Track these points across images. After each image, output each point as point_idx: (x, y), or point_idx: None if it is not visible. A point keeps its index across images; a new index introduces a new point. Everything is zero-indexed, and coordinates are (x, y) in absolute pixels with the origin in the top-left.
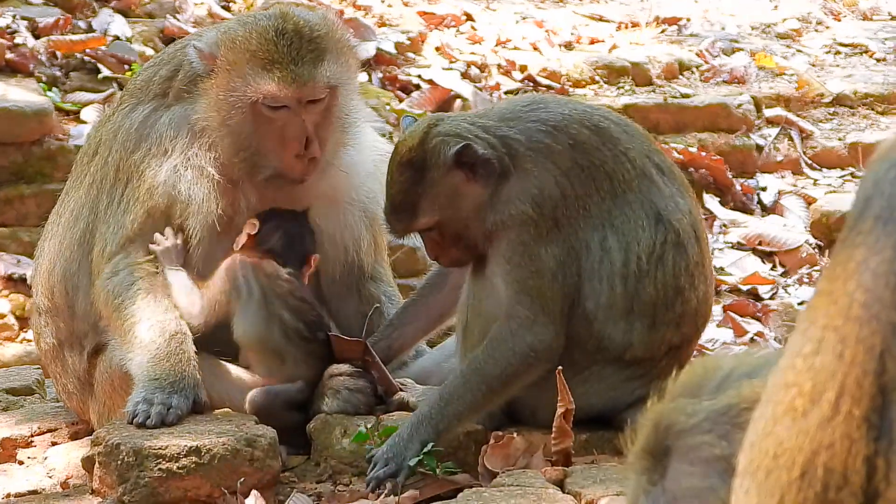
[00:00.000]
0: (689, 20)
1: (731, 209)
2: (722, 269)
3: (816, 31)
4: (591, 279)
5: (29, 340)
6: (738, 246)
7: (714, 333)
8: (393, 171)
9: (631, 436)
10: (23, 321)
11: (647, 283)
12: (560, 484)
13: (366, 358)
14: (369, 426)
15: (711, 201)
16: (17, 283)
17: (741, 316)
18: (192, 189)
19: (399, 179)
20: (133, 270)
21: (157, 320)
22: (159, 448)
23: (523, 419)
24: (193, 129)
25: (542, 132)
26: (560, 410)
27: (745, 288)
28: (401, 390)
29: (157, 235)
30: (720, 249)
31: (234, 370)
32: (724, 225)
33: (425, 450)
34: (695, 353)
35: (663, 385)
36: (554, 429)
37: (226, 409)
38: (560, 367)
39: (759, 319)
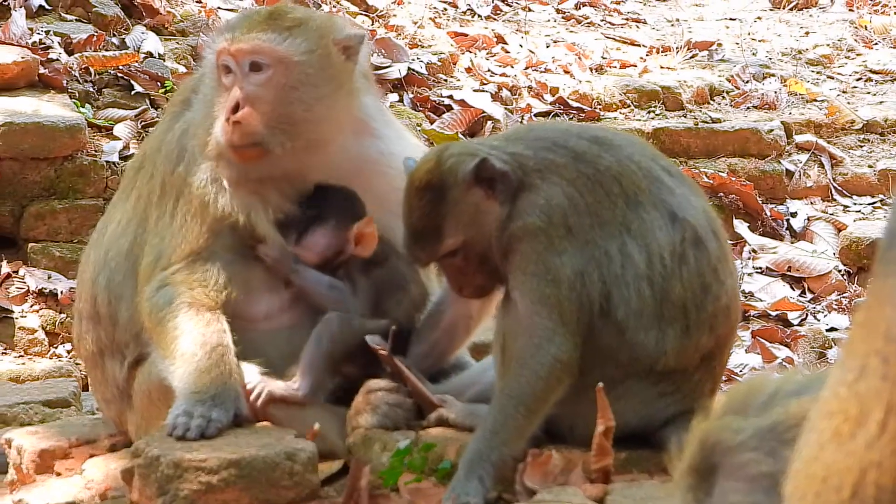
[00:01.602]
0: (720, 45)
1: (761, 235)
2: (751, 294)
3: (848, 57)
4: (618, 287)
5: (59, 356)
6: (768, 271)
7: (743, 359)
8: (411, 199)
9: (675, 453)
10: (53, 336)
11: (674, 282)
12: (600, 501)
13: (397, 372)
14: (409, 442)
15: (741, 226)
16: (48, 299)
17: (770, 341)
18: (223, 201)
19: (419, 205)
20: (179, 284)
21: (199, 333)
22: (199, 460)
23: (560, 436)
24: (196, 130)
25: (544, 148)
26: (600, 428)
27: (774, 313)
28: (439, 406)
29: (261, 248)
30: (749, 275)
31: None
32: (754, 250)
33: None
34: (724, 378)
35: (698, 401)
36: (594, 446)
37: (265, 423)
38: (601, 384)
39: (787, 345)
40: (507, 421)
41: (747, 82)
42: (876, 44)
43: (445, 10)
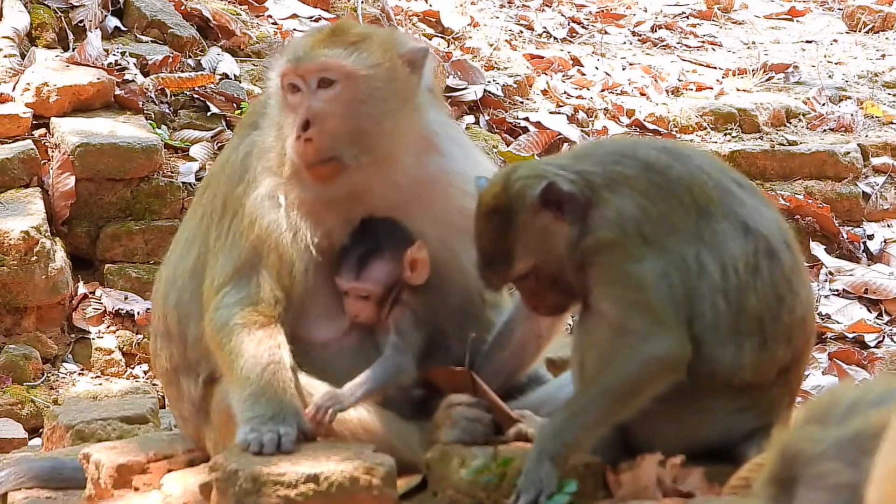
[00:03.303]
0: (796, 68)
1: (838, 257)
2: (828, 316)
3: None
4: (694, 299)
5: (136, 376)
6: (844, 294)
7: (819, 380)
8: (480, 222)
9: (754, 466)
10: (129, 357)
11: (749, 295)
12: None
13: (475, 387)
14: (487, 457)
15: (818, 249)
16: (125, 319)
17: (847, 363)
18: (274, 219)
19: (488, 229)
20: (233, 305)
21: (251, 354)
22: (277, 474)
23: (640, 450)
24: (264, 151)
25: (613, 162)
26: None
27: (850, 335)
28: (518, 421)
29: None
30: (826, 297)
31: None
32: (831, 273)
33: (565, 488)
34: (799, 399)
35: (776, 415)
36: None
37: (343, 437)
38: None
39: (864, 367)
40: (589, 407)
41: (823, 105)
42: None
43: (521, 32)
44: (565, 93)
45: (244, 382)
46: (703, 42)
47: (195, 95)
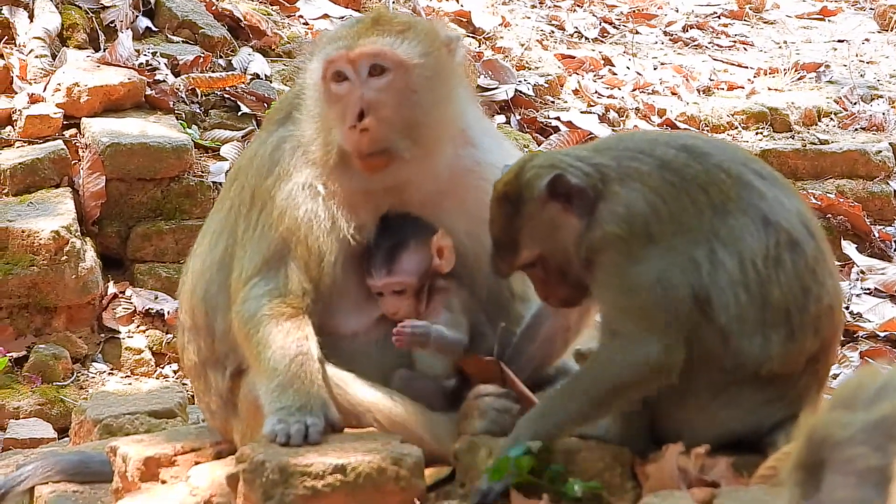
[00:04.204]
0: (828, 67)
1: (869, 256)
2: (860, 314)
3: None
4: (715, 294)
5: (166, 376)
6: (876, 292)
7: None
8: (492, 209)
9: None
10: (159, 356)
11: (772, 287)
12: None
13: (503, 377)
14: (521, 450)
15: (849, 247)
16: (155, 319)
17: (879, 362)
18: (310, 209)
19: (498, 215)
20: (261, 297)
21: (279, 346)
22: (304, 465)
23: (669, 441)
24: (302, 143)
25: (630, 157)
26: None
27: (882, 334)
28: None
29: (398, 327)
30: (857, 295)
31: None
32: (862, 271)
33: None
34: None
35: (804, 406)
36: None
37: (370, 428)
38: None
39: None
40: (569, 402)
41: (855, 104)
42: None
43: (552, 32)
44: (596, 92)
45: (272, 373)
46: (735, 42)
47: (226, 95)
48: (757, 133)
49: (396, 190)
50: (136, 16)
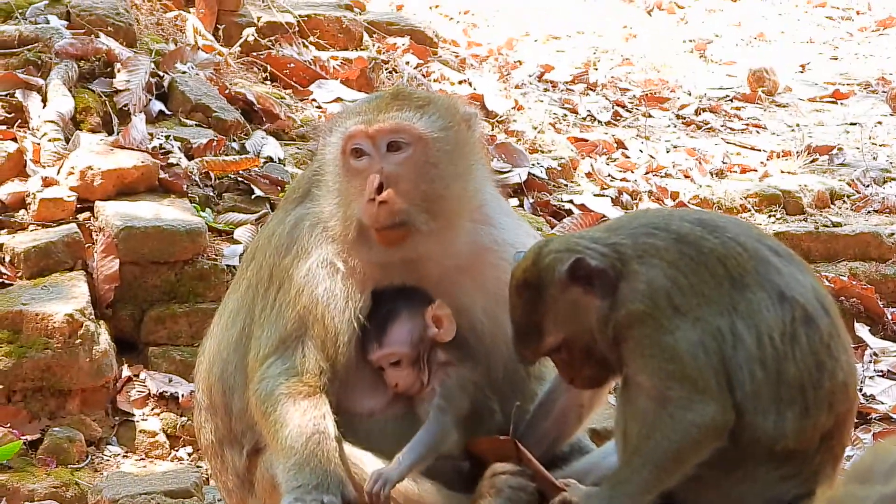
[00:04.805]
0: (840, 150)
1: (882, 338)
2: (873, 396)
3: None
4: (733, 369)
5: (180, 459)
6: (889, 374)
7: None
8: (512, 296)
9: None
10: (174, 439)
11: (788, 364)
12: None
13: (519, 455)
14: None
15: (862, 330)
16: (169, 402)
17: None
18: (329, 287)
19: (519, 303)
20: (279, 376)
21: (296, 424)
22: None
23: None
24: (321, 220)
25: (645, 234)
26: None
27: (895, 416)
28: (562, 490)
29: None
30: (871, 378)
31: (377, 464)
32: (875, 353)
33: None
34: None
35: (820, 483)
36: None
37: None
38: None
39: None
40: (633, 476)
41: (868, 186)
42: None
43: (565, 115)
44: (609, 175)
45: (289, 452)
46: (748, 125)
47: (239, 179)
48: (770, 216)
49: (414, 265)
50: (150, 99)
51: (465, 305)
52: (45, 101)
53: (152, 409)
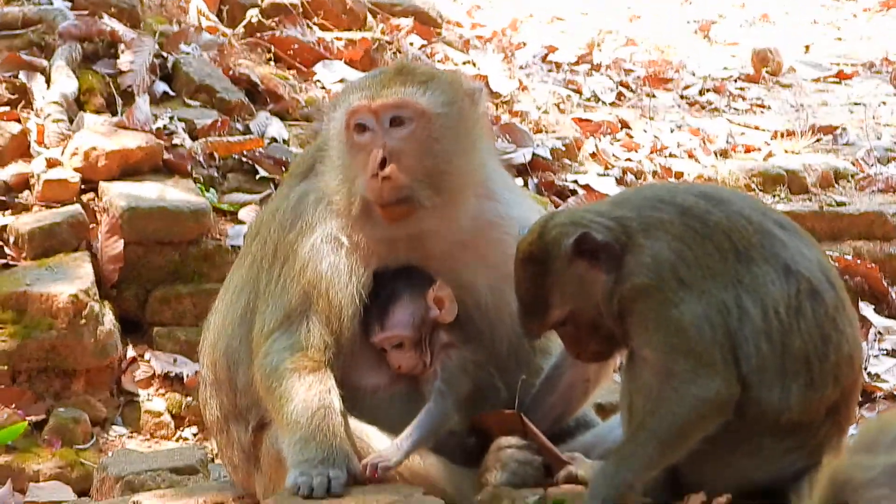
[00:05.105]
0: (844, 129)
1: (887, 317)
2: (877, 375)
3: None
4: (738, 342)
5: (185, 439)
6: (893, 353)
7: None
8: (517, 271)
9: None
10: (179, 419)
11: (793, 337)
12: None
13: (524, 429)
14: (537, 499)
15: (867, 309)
16: (174, 382)
17: None
18: (333, 262)
19: (524, 277)
20: (283, 350)
21: (301, 399)
22: None
23: (690, 491)
24: (325, 195)
25: (650, 207)
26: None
27: None
28: (568, 463)
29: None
30: (875, 357)
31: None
32: (880, 332)
33: None
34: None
35: (825, 455)
36: None
37: (392, 480)
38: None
39: None
40: (639, 450)
41: (872, 166)
42: None
43: (569, 96)
44: (614, 155)
45: (294, 427)
46: (752, 105)
47: (244, 159)
48: (774, 196)
49: (418, 240)
50: (154, 80)
51: (470, 281)
52: (48, 82)
53: (157, 390)
